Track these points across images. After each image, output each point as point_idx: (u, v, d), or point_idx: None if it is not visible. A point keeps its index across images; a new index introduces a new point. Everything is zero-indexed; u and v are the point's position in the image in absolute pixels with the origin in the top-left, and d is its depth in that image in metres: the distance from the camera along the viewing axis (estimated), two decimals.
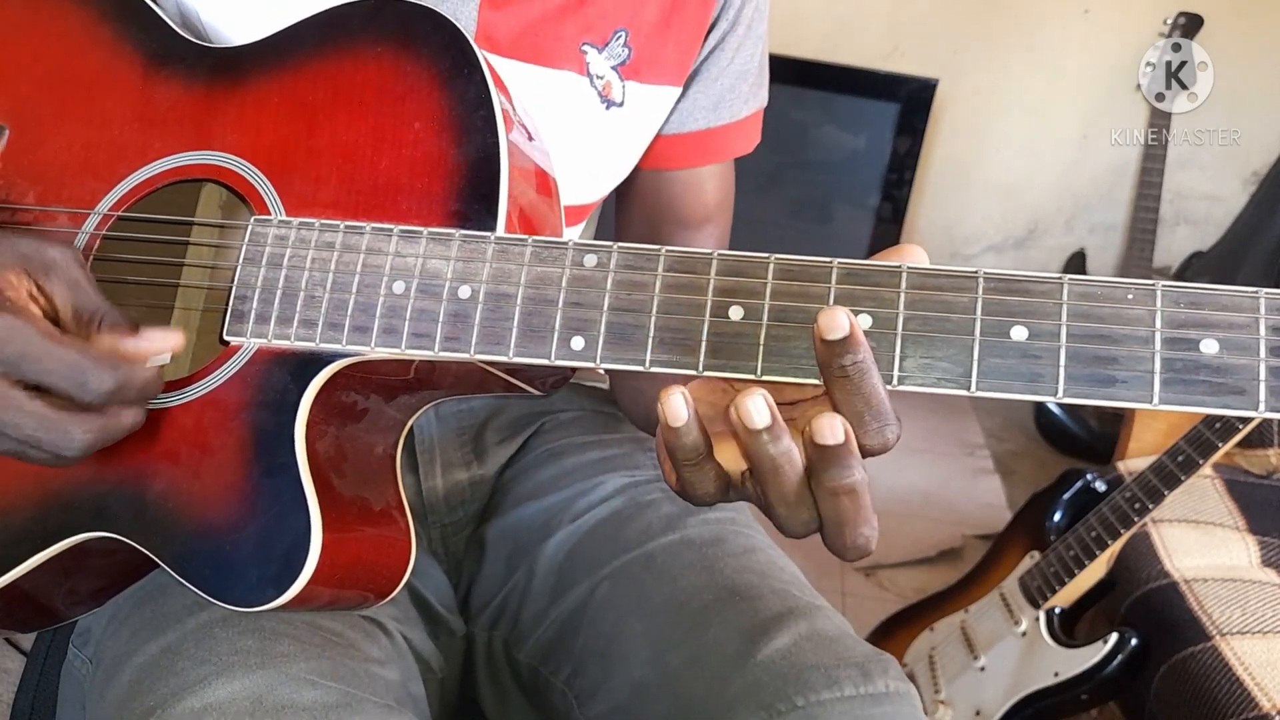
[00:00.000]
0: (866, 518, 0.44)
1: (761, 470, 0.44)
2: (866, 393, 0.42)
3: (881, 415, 0.43)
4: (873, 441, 0.43)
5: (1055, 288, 0.43)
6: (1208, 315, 0.42)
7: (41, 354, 0.47)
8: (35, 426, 0.48)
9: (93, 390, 0.48)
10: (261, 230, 0.54)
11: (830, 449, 0.42)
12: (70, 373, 0.48)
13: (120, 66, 0.62)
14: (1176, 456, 1.24)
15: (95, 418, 0.49)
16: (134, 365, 0.50)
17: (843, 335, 0.41)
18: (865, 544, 0.45)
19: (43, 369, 0.47)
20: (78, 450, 0.49)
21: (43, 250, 0.51)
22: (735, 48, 0.76)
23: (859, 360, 0.42)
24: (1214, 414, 0.41)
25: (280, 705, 0.54)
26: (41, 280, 0.51)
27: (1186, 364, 0.42)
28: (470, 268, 0.50)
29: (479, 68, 0.54)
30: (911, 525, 2.08)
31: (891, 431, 0.43)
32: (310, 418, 0.52)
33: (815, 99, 2.45)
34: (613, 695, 0.65)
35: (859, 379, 0.42)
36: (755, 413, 0.42)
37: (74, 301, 0.51)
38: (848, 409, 0.43)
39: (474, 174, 0.52)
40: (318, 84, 0.57)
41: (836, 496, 0.43)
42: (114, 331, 0.51)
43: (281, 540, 0.50)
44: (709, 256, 0.47)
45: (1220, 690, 1.17)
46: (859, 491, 0.43)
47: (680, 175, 0.79)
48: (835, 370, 0.42)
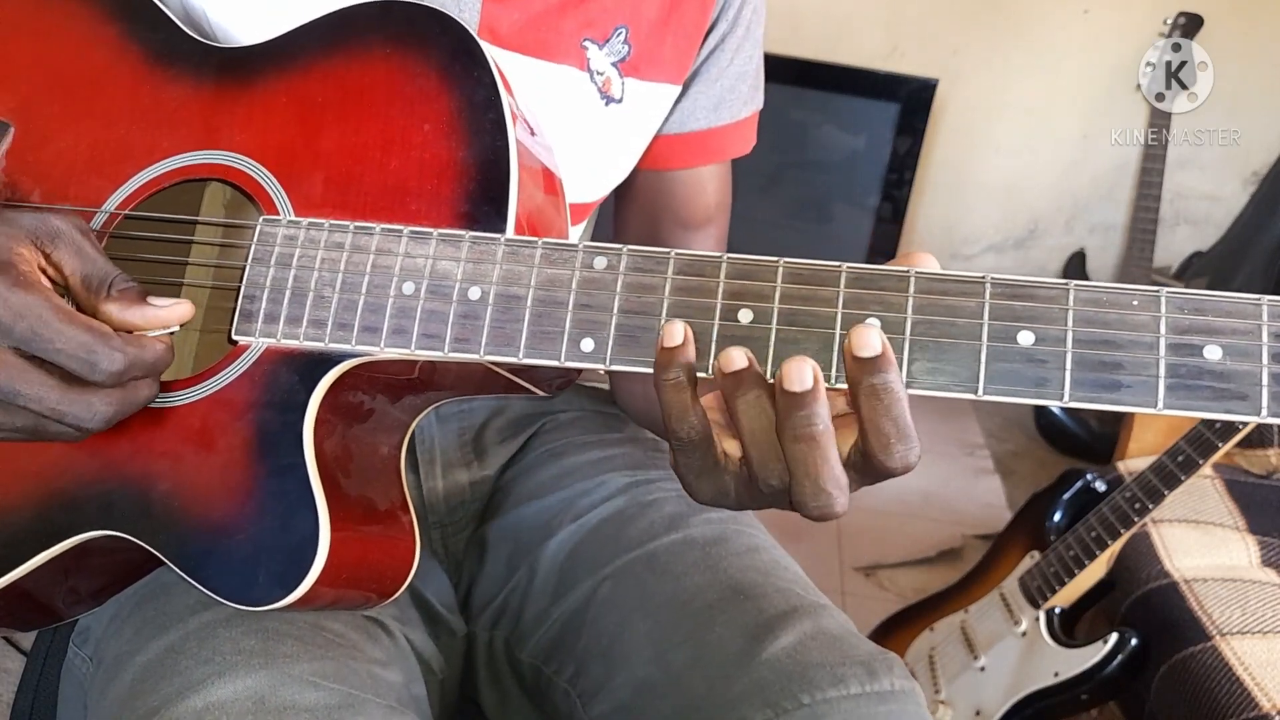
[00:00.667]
0: (831, 474, 0.44)
1: (736, 413, 0.45)
2: (896, 414, 0.43)
3: (907, 437, 0.44)
4: (896, 463, 0.44)
5: (1062, 293, 0.44)
6: (1211, 321, 0.42)
7: (53, 333, 0.48)
8: (58, 400, 0.49)
9: (102, 370, 0.49)
10: (270, 230, 0.54)
11: (796, 395, 0.43)
12: (81, 352, 0.48)
13: (126, 65, 0.62)
14: (1176, 456, 1.24)
15: (114, 390, 0.50)
16: (143, 343, 0.51)
17: (874, 354, 0.42)
18: (828, 503, 0.45)
19: (54, 348, 0.48)
20: (99, 422, 0.50)
21: (47, 221, 0.51)
22: (734, 49, 0.77)
23: (889, 380, 0.43)
24: (1217, 419, 0.42)
25: (283, 706, 0.54)
26: (49, 250, 0.51)
27: (1190, 369, 0.42)
28: (480, 269, 0.50)
29: (488, 69, 0.54)
30: (911, 525, 2.09)
31: (915, 453, 0.44)
32: (318, 417, 0.52)
33: (815, 99, 2.45)
34: (616, 694, 0.65)
35: (888, 400, 0.43)
36: (735, 358, 0.44)
37: (82, 269, 0.52)
38: (873, 429, 0.43)
39: (484, 176, 0.52)
40: (326, 85, 0.57)
41: (798, 443, 0.44)
42: (124, 298, 0.52)
43: (289, 539, 0.51)
44: (719, 260, 0.47)
45: (1220, 690, 1.17)
46: (820, 442, 0.44)
47: (681, 175, 0.80)
48: (865, 388, 0.43)
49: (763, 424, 0.45)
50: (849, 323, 0.45)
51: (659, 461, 0.80)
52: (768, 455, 0.45)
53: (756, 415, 0.45)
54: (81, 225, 0.53)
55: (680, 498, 0.74)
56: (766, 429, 0.45)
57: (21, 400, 0.48)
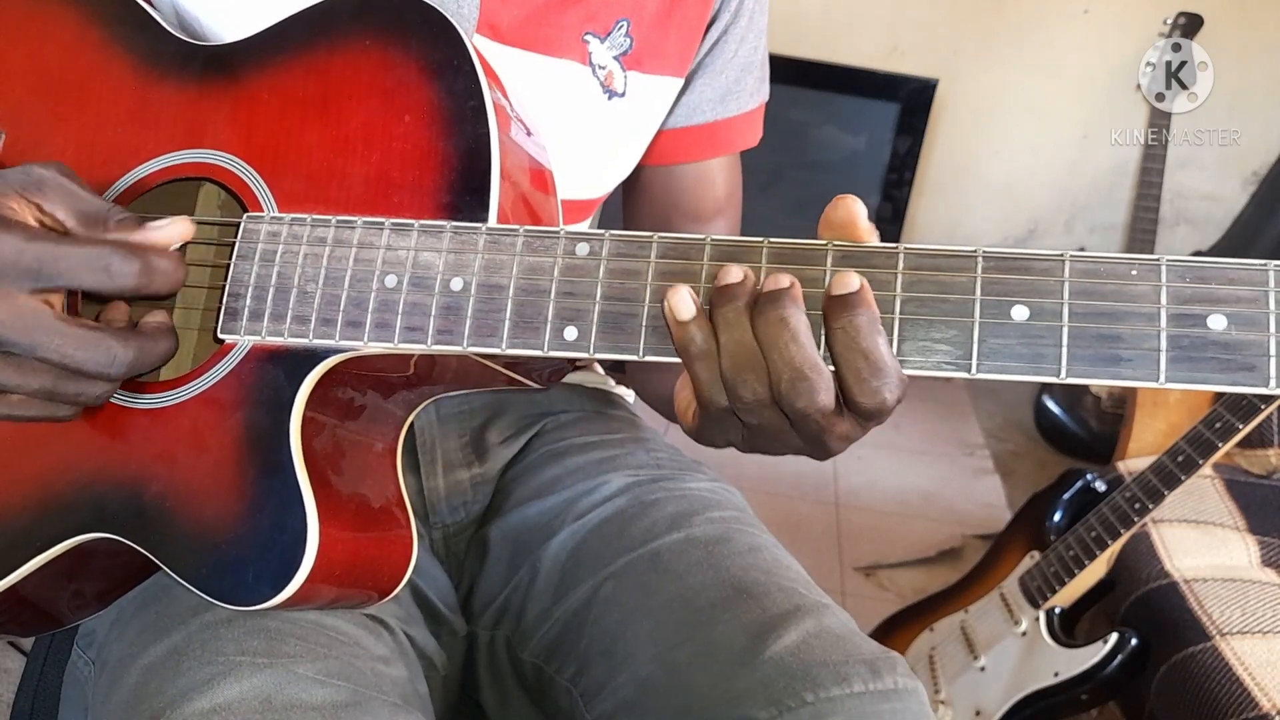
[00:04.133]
0: (806, 357, 0.44)
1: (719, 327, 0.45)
2: (866, 348, 0.43)
3: (880, 371, 0.43)
4: (870, 399, 0.44)
5: (1056, 265, 0.42)
6: (1215, 290, 0.41)
7: (59, 254, 0.47)
8: (76, 345, 0.48)
9: (120, 275, 0.48)
10: (254, 227, 0.54)
11: (774, 293, 0.44)
12: (94, 263, 0.48)
13: (113, 67, 0.62)
14: (1176, 456, 1.24)
15: (133, 337, 0.50)
16: (153, 252, 0.50)
17: (849, 291, 0.43)
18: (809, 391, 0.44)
19: (64, 268, 0.47)
20: (120, 368, 0.49)
21: (30, 171, 0.51)
22: (738, 40, 0.77)
23: (859, 317, 0.43)
24: (1223, 391, 0.40)
25: (290, 704, 0.54)
26: (39, 199, 0.51)
27: (1194, 340, 0.41)
28: (462, 260, 0.50)
29: (469, 59, 0.53)
30: (911, 525, 2.09)
31: (890, 388, 0.43)
32: (305, 415, 0.52)
33: (815, 99, 2.46)
34: (619, 693, 0.65)
35: (854, 334, 0.43)
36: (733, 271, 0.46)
37: (77, 208, 0.51)
38: (846, 365, 0.44)
39: (464, 165, 0.52)
40: (308, 79, 0.57)
41: (769, 326, 0.44)
42: (124, 227, 0.51)
43: (279, 538, 0.50)
44: (702, 242, 0.47)
45: (1220, 690, 1.17)
46: (790, 322, 0.44)
47: (690, 169, 0.80)
48: (837, 326, 0.43)
49: (741, 331, 0.45)
50: None
51: (661, 461, 0.80)
52: (741, 363, 0.45)
53: (737, 322, 0.45)
54: (64, 169, 0.52)
55: (682, 498, 0.74)
56: (744, 339, 0.45)
57: (40, 351, 0.47)
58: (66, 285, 0.48)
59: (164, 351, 0.52)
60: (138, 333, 0.51)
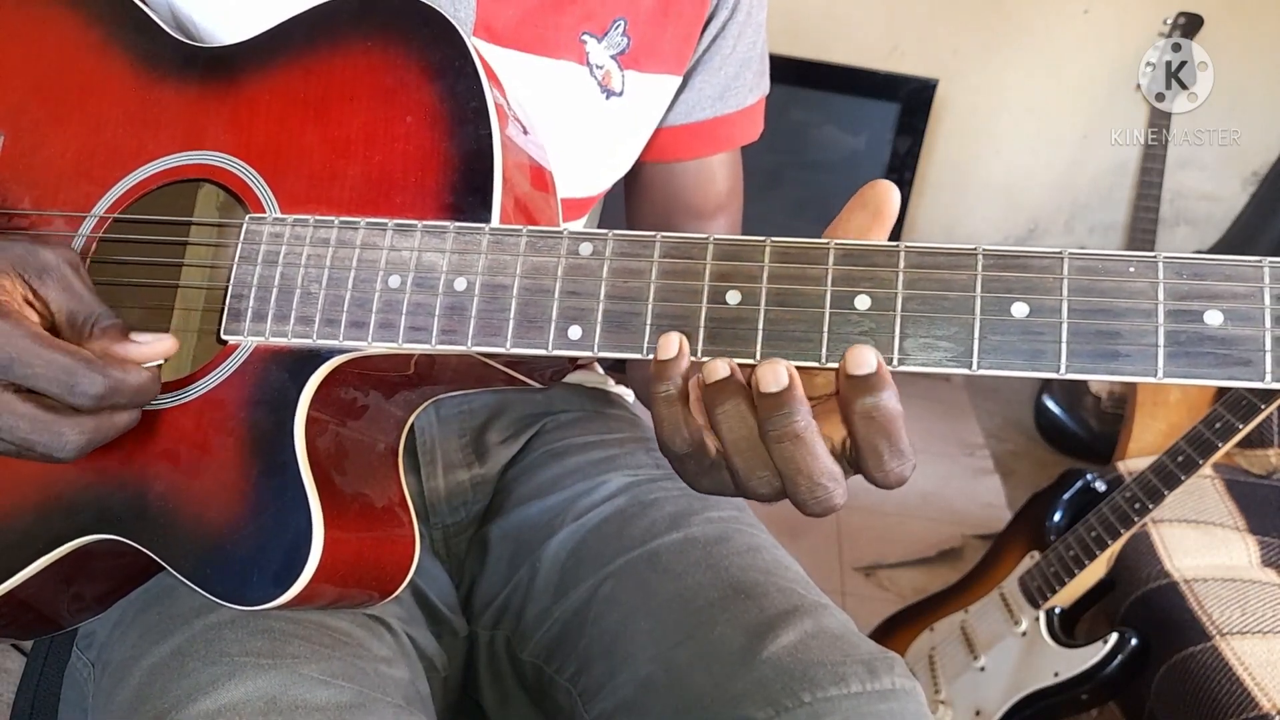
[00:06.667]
0: (822, 468, 0.44)
1: (717, 423, 0.45)
2: (892, 434, 0.43)
3: (900, 454, 0.43)
4: (891, 479, 0.44)
5: (1055, 262, 0.43)
6: (1211, 286, 0.41)
7: (31, 357, 0.48)
8: (29, 429, 0.48)
9: (82, 393, 0.48)
10: (256, 228, 0.54)
11: (773, 396, 0.43)
12: (60, 375, 0.48)
13: (113, 69, 0.62)
14: (1176, 456, 1.24)
15: (88, 419, 0.50)
16: (126, 367, 0.50)
17: (868, 371, 0.42)
18: (825, 497, 0.44)
19: (32, 372, 0.48)
20: (71, 452, 0.49)
21: (37, 254, 0.51)
22: (736, 35, 0.77)
23: (883, 400, 0.42)
24: (1220, 385, 0.41)
25: (295, 705, 0.54)
26: (36, 285, 0.51)
27: (1190, 336, 0.41)
28: (466, 260, 0.50)
29: (470, 59, 0.53)
30: (911, 525, 2.09)
31: (909, 467, 0.44)
32: (309, 415, 0.52)
33: (815, 99, 2.45)
34: (618, 692, 0.65)
35: (883, 420, 0.43)
36: (718, 368, 0.44)
37: (68, 306, 0.51)
38: (868, 448, 0.43)
39: (468, 166, 0.52)
40: (309, 80, 0.57)
41: (782, 443, 0.43)
42: (107, 336, 0.51)
43: (283, 538, 0.50)
44: (705, 241, 0.47)
45: (1220, 690, 1.17)
46: (805, 438, 0.43)
47: (691, 166, 0.80)
48: (859, 409, 0.43)
49: (744, 432, 0.44)
50: (838, 301, 0.44)
51: (660, 461, 0.80)
52: (753, 463, 0.45)
53: (738, 424, 0.44)
54: (72, 259, 0.52)
55: (681, 497, 0.74)
56: (748, 436, 0.45)
57: None
58: (28, 386, 0.48)
59: (121, 427, 0.51)
60: (93, 414, 0.50)
